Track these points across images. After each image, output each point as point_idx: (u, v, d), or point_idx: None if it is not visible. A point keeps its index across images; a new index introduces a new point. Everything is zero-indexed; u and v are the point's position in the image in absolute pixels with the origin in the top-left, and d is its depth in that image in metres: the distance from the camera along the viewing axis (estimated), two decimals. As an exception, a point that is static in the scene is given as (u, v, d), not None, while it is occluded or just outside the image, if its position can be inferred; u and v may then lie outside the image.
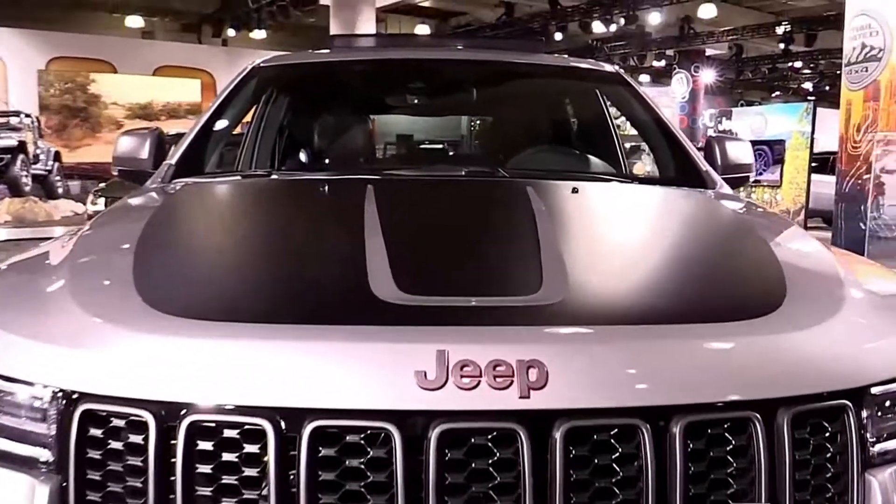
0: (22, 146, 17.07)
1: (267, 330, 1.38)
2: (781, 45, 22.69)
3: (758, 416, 1.34)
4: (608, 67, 3.59)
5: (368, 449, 1.27)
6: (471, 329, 1.37)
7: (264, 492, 1.27)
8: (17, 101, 20.82)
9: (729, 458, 1.33)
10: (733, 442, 1.34)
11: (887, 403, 1.48)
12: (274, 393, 1.29)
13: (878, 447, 1.46)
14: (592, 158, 3.39)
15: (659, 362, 1.35)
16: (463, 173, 2.83)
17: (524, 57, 3.56)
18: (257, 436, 1.28)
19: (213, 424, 1.29)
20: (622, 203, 2.56)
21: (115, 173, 3.02)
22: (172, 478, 1.28)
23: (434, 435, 1.26)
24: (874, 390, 1.45)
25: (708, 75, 22.84)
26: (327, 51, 3.71)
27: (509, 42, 6.46)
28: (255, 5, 20.32)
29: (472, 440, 1.27)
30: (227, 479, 1.29)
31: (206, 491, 1.29)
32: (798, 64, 26.75)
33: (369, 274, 1.56)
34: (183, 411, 1.29)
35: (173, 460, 1.29)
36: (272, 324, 1.41)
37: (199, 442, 1.29)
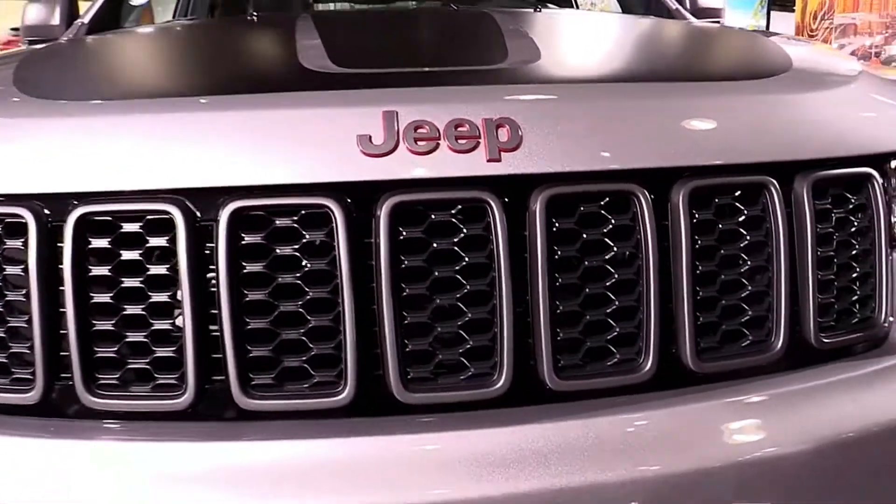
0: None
1: (167, 103, 1.11)
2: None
3: (774, 181, 1.11)
4: None
5: (303, 232, 1.02)
6: (425, 89, 1.11)
7: (178, 294, 1.02)
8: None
9: (742, 230, 1.11)
10: (746, 212, 1.11)
11: None
12: (180, 171, 1.02)
13: None
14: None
15: (659, 119, 1.10)
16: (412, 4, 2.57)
17: None
18: (164, 226, 1.02)
19: (108, 217, 1.03)
20: (596, 17, 2.32)
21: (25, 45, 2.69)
22: (62, 287, 1.03)
23: (384, 210, 1.01)
24: None
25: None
26: None
27: None
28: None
29: (433, 215, 1.03)
30: (130, 283, 1.03)
31: (103, 298, 1.04)
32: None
33: (298, 48, 1.29)
34: (70, 205, 1.03)
35: (61, 266, 1.03)
36: (174, 97, 1.14)
37: (91, 240, 1.03)
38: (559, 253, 1.04)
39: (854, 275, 1.19)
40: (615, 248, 1.06)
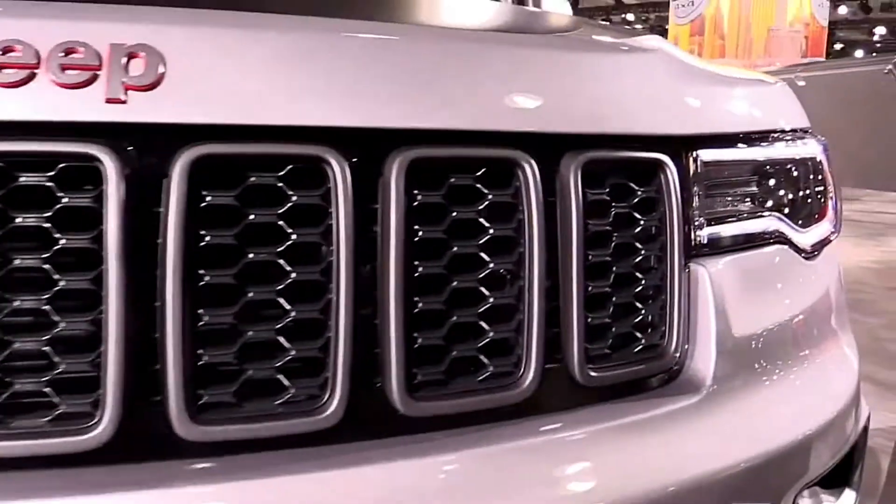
0: None
1: None
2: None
3: (529, 158, 0.83)
4: None
5: None
6: (29, 2, 0.75)
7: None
8: None
9: (483, 221, 0.82)
10: (490, 197, 0.83)
11: (724, 173, 1.02)
12: None
13: (710, 230, 0.99)
14: None
15: (371, 63, 0.79)
16: None
17: None
18: None
19: None
20: None
21: None
22: None
23: None
24: (703, 154, 0.99)
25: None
26: None
27: None
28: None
29: (18, 177, 0.70)
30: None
31: None
32: (630, 17, 27.19)
33: None
34: None
35: None
36: None
37: None
38: (207, 239, 0.73)
39: (638, 289, 0.93)
40: (294, 237, 0.75)
